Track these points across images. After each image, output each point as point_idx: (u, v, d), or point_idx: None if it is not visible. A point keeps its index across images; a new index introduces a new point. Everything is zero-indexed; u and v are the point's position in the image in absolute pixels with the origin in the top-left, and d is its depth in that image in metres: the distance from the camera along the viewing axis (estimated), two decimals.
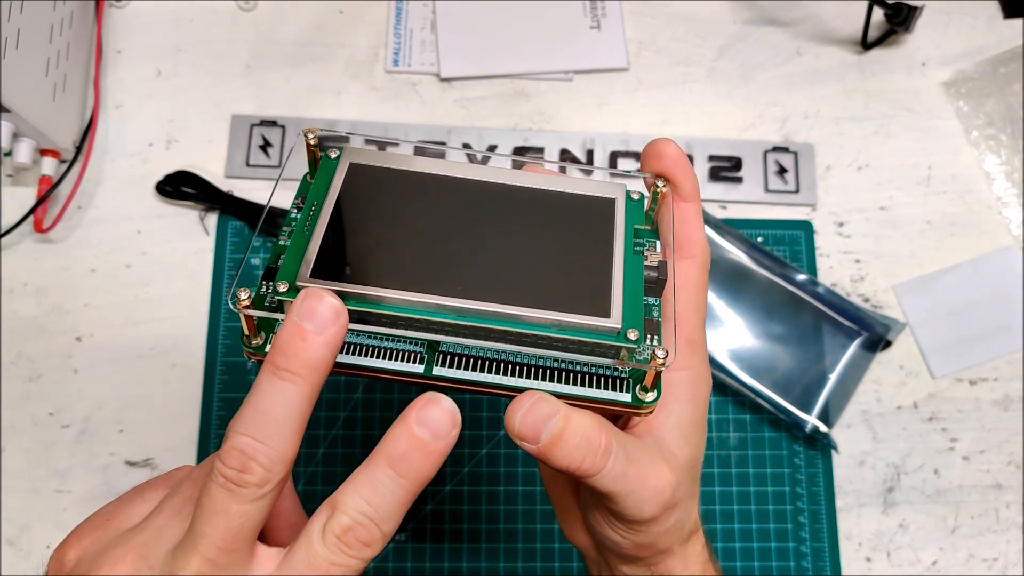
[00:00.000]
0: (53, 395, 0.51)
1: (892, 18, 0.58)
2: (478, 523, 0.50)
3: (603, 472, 0.27)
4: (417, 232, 0.28)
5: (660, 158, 0.30)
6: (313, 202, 0.29)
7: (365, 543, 0.24)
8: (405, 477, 0.24)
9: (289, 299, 0.26)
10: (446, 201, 0.29)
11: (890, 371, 0.54)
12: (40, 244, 0.54)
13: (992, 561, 0.51)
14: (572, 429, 0.26)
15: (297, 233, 0.28)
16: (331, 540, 0.24)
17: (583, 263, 0.28)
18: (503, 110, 0.58)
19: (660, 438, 0.29)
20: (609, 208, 0.30)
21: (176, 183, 0.54)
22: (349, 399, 0.51)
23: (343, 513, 0.24)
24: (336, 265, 0.27)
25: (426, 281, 0.27)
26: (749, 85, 0.60)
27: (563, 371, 0.28)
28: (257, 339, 0.27)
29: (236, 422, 0.24)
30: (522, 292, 0.27)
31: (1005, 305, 0.55)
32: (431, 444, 0.24)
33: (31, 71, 0.49)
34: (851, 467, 0.52)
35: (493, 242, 0.28)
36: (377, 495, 0.24)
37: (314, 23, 0.60)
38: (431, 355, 0.28)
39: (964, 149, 0.59)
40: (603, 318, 0.27)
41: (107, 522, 0.27)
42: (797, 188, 0.57)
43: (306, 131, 0.30)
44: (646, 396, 0.27)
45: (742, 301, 0.54)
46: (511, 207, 0.30)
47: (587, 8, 0.61)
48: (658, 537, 0.29)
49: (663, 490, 0.28)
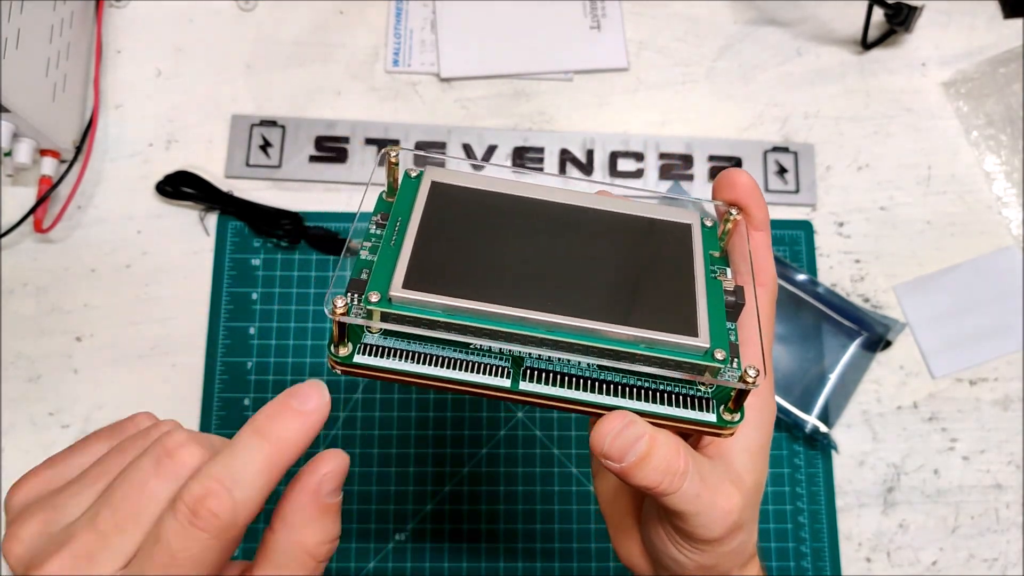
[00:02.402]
0: (53, 395, 0.51)
1: (892, 18, 0.58)
2: (478, 523, 0.50)
3: (679, 492, 0.27)
4: (502, 249, 0.29)
5: (734, 187, 0.31)
6: (397, 218, 0.30)
7: (214, 512, 0.22)
8: (266, 439, 0.23)
9: (379, 308, 0.26)
10: (528, 221, 0.30)
11: (890, 371, 0.54)
12: (40, 244, 0.54)
13: (992, 561, 0.51)
14: (656, 452, 0.27)
15: (384, 247, 0.29)
16: (180, 509, 0.22)
17: (666, 283, 0.29)
18: (503, 110, 0.58)
19: (730, 461, 0.30)
20: (686, 233, 0.31)
21: (176, 183, 0.54)
22: (349, 399, 0.51)
23: (194, 480, 0.22)
24: (427, 276, 0.27)
25: (515, 295, 0.27)
26: (749, 85, 0.60)
27: (648, 389, 0.28)
28: (344, 348, 0.27)
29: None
30: (609, 309, 0.27)
31: (1005, 305, 0.55)
32: (298, 414, 0.24)
33: (31, 71, 0.49)
34: (851, 467, 0.52)
35: (576, 261, 0.29)
36: (235, 459, 0.23)
37: (314, 23, 0.60)
38: (516, 370, 0.28)
39: (964, 149, 0.59)
40: (692, 337, 0.27)
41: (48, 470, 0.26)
42: (797, 188, 0.57)
43: (388, 150, 0.31)
44: (732, 417, 0.28)
45: None
46: (591, 228, 0.30)
47: (587, 8, 0.61)
48: (721, 558, 0.30)
49: (732, 511, 0.28)
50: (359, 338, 0.27)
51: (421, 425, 0.51)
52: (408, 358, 0.27)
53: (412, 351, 0.27)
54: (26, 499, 0.25)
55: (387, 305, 0.26)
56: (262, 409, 0.24)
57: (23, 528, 0.24)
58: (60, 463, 0.26)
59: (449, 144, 0.57)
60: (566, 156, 0.57)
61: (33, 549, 0.23)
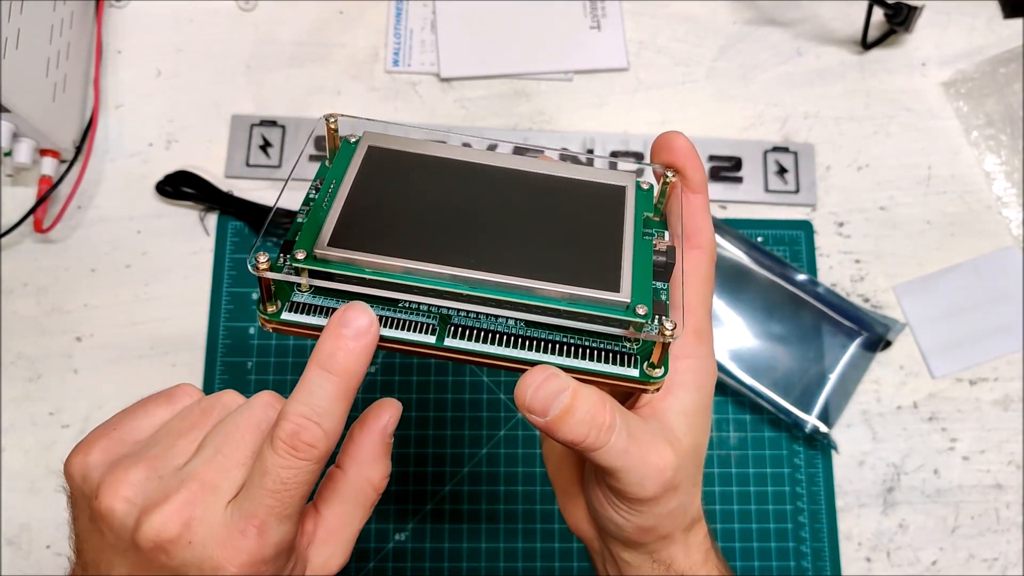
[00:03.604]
0: (53, 395, 0.51)
1: (892, 18, 0.58)
2: (478, 523, 0.50)
3: (606, 447, 0.27)
4: (433, 210, 0.29)
5: (670, 150, 0.31)
6: (332, 181, 0.30)
7: (310, 443, 0.25)
8: (334, 372, 0.26)
9: (306, 266, 0.27)
10: (462, 183, 0.30)
11: (890, 371, 0.54)
12: (40, 244, 0.54)
13: (992, 561, 0.51)
14: (579, 405, 0.27)
15: (315, 209, 0.29)
16: (279, 446, 0.25)
17: (594, 243, 0.29)
18: (503, 110, 0.58)
19: (665, 421, 0.29)
20: (620, 195, 0.31)
21: (176, 183, 0.54)
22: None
23: (285, 420, 0.25)
24: (354, 235, 0.28)
25: (441, 253, 0.27)
26: (749, 85, 0.60)
27: (573, 346, 0.28)
28: (272, 306, 0.28)
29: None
30: (535, 267, 0.28)
31: (1005, 305, 0.55)
32: (352, 341, 0.26)
33: (31, 71, 0.49)
34: (851, 467, 0.52)
35: (507, 221, 0.29)
36: (312, 395, 0.25)
37: (314, 23, 0.60)
38: (443, 327, 0.28)
39: (964, 149, 0.59)
40: (613, 292, 0.27)
41: (113, 431, 0.28)
42: (797, 188, 0.57)
43: (327, 116, 0.31)
44: (654, 372, 0.28)
45: (742, 301, 0.54)
46: (525, 190, 0.31)
47: (587, 8, 0.61)
48: (659, 520, 0.30)
49: (664, 469, 0.28)
50: (288, 296, 0.28)
51: (421, 425, 0.51)
52: None
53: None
54: (106, 456, 0.27)
55: (312, 263, 0.27)
56: (320, 344, 0.26)
57: (129, 473, 0.26)
58: (123, 425, 0.29)
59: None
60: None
61: (148, 490, 0.26)
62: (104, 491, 0.26)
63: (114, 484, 0.26)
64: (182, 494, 0.25)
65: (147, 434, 0.28)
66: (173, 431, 0.28)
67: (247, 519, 0.25)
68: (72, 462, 0.28)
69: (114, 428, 0.29)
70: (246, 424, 0.27)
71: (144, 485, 0.26)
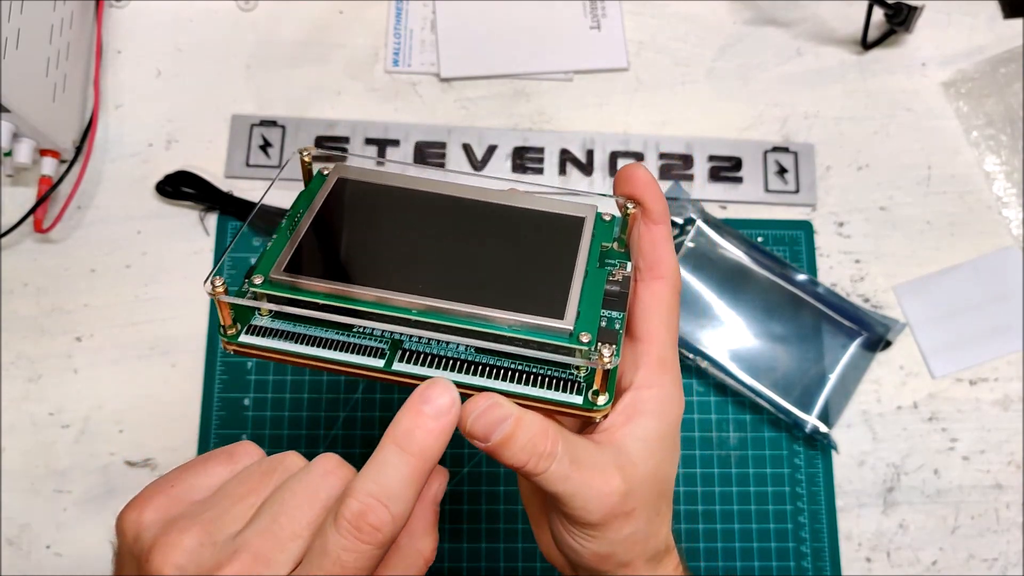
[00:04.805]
0: (53, 395, 0.51)
1: (892, 18, 0.58)
2: (478, 523, 0.50)
3: (547, 473, 0.28)
4: (390, 239, 0.30)
5: (631, 182, 0.31)
6: (299, 211, 0.31)
7: (376, 527, 0.24)
8: (409, 452, 0.25)
9: (263, 291, 0.28)
10: (425, 214, 0.31)
11: (890, 371, 0.54)
12: (40, 244, 0.54)
13: (992, 561, 0.51)
14: (520, 433, 0.27)
15: (279, 237, 0.30)
16: (343, 526, 0.24)
17: (546, 272, 0.30)
18: (503, 110, 0.58)
19: (623, 447, 0.29)
20: (578, 226, 0.32)
21: (176, 183, 0.54)
22: (349, 399, 0.52)
23: (352, 498, 0.25)
24: (309, 262, 0.29)
25: (392, 280, 0.28)
26: (749, 85, 0.60)
27: (520, 372, 0.28)
28: (232, 329, 0.29)
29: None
30: (485, 294, 0.28)
31: (1005, 305, 0.55)
32: (433, 420, 0.26)
33: (31, 71, 0.49)
34: (851, 467, 0.52)
35: (461, 250, 0.30)
36: (383, 475, 0.25)
37: (314, 23, 0.60)
38: (393, 352, 0.29)
39: (964, 149, 0.59)
40: (556, 319, 0.28)
41: (171, 489, 0.28)
42: (797, 188, 0.57)
43: (301, 150, 0.32)
44: (597, 399, 0.28)
45: (742, 301, 0.54)
46: (486, 221, 0.32)
47: (587, 8, 0.61)
48: (615, 546, 0.30)
49: (609, 494, 0.28)
50: (247, 319, 0.29)
51: None
52: (292, 339, 0.29)
53: (297, 333, 0.29)
54: (161, 515, 0.27)
55: (268, 287, 0.28)
56: (398, 420, 0.26)
57: (182, 538, 0.25)
58: (180, 483, 0.28)
59: (449, 144, 0.57)
60: (566, 156, 0.57)
61: (201, 556, 0.25)
62: (155, 555, 0.25)
63: (166, 548, 0.25)
64: (234, 566, 0.25)
65: (204, 494, 0.28)
66: (231, 494, 0.27)
67: None
68: (125, 519, 0.27)
69: (172, 485, 0.28)
70: (304, 493, 0.26)
71: (197, 552, 0.25)
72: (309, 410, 0.52)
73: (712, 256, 0.54)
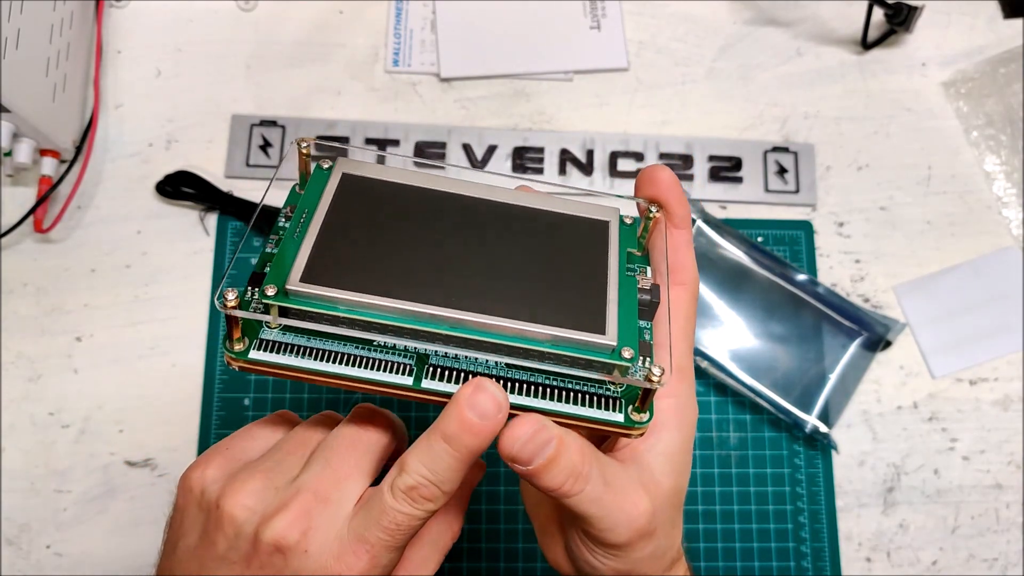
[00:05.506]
0: (53, 395, 0.51)
1: (892, 18, 0.58)
2: (478, 523, 0.50)
3: (580, 495, 0.27)
4: (411, 244, 0.28)
5: (655, 184, 0.30)
6: (304, 210, 0.29)
7: (427, 499, 0.27)
8: (457, 451, 0.26)
9: (277, 302, 0.26)
10: (440, 215, 0.29)
11: (890, 371, 0.54)
12: (40, 244, 0.54)
13: (992, 561, 0.51)
14: (563, 454, 0.27)
15: (286, 240, 0.28)
16: (399, 494, 0.27)
17: (578, 281, 0.28)
18: (503, 110, 0.58)
19: (645, 464, 0.29)
20: (603, 230, 0.30)
21: (176, 183, 0.54)
22: (349, 399, 0.52)
23: (407, 474, 0.27)
24: (328, 270, 0.26)
25: (420, 291, 0.26)
26: (749, 85, 0.60)
27: (554, 388, 0.27)
28: (240, 344, 0.26)
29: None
30: (517, 306, 0.27)
31: (1005, 305, 0.55)
32: (478, 425, 0.26)
33: (31, 71, 0.49)
34: (851, 467, 0.52)
35: (487, 257, 0.28)
36: (435, 463, 0.27)
37: (314, 23, 0.60)
38: (420, 368, 0.27)
39: (964, 149, 0.59)
40: (599, 335, 0.26)
41: (227, 451, 0.30)
42: (797, 188, 0.57)
43: (299, 140, 0.29)
44: (639, 417, 0.27)
45: (742, 301, 0.54)
46: (505, 224, 0.29)
47: (587, 8, 0.61)
48: (635, 564, 0.29)
49: (637, 517, 0.28)
50: (256, 333, 0.27)
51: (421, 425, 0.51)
52: (307, 354, 0.26)
53: (312, 347, 0.26)
54: (222, 471, 0.29)
55: (283, 299, 0.26)
56: (446, 418, 0.26)
57: (247, 483, 0.28)
58: (233, 446, 0.30)
59: (449, 144, 0.57)
60: (566, 156, 0.57)
61: (266, 499, 0.28)
62: (226, 499, 0.28)
63: (235, 493, 0.28)
64: (299, 503, 0.27)
65: (258, 454, 0.30)
66: (282, 449, 0.30)
67: (361, 543, 0.27)
68: (190, 476, 0.29)
69: (227, 448, 0.30)
70: (348, 439, 0.29)
71: (262, 494, 0.28)
72: (309, 410, 0.52)
73: (712, 256, 0.54)
